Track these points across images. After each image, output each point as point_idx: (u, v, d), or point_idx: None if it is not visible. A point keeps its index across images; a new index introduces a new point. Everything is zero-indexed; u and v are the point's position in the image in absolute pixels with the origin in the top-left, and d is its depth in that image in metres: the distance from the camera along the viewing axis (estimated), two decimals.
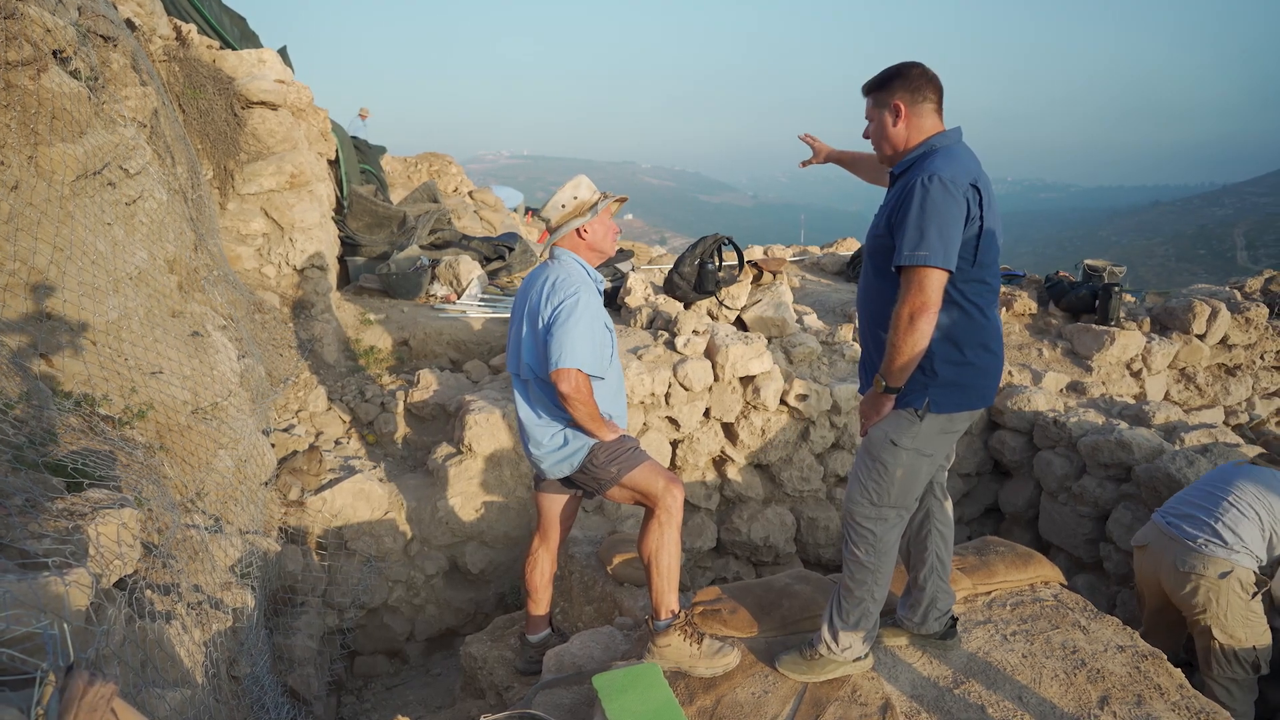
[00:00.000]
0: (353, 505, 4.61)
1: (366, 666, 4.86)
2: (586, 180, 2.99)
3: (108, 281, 3.33)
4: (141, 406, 3.23)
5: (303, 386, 5.31)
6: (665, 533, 2.92)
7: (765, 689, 2.79)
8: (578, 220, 2.93)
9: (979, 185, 2.31)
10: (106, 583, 1.90)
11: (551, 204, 2.97)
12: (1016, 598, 3.39)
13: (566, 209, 2.95)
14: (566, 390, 2.72)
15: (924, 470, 2.58)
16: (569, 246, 2.95)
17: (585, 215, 2.94)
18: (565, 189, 2.97)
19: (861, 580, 2.67)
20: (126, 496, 2.18)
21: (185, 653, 2.26)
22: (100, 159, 3.39)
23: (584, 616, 3.87)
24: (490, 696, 3.52)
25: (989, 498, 6.33)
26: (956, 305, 2.39)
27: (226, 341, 4.04)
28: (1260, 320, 7.09)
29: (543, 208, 3.02)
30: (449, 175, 12.64)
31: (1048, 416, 5.74)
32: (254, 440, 3.98)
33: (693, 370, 5.32)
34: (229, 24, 7.29)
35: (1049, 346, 6.99)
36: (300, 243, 5.88)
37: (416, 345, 6.26)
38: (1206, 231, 79.30)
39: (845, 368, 5.98)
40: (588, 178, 3.00)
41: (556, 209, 2.96)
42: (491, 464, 4.95)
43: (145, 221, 3.70)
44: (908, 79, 2.41)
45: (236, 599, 3.00)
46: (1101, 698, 2.77)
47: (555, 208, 2.96)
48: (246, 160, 5.70)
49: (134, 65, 4.07)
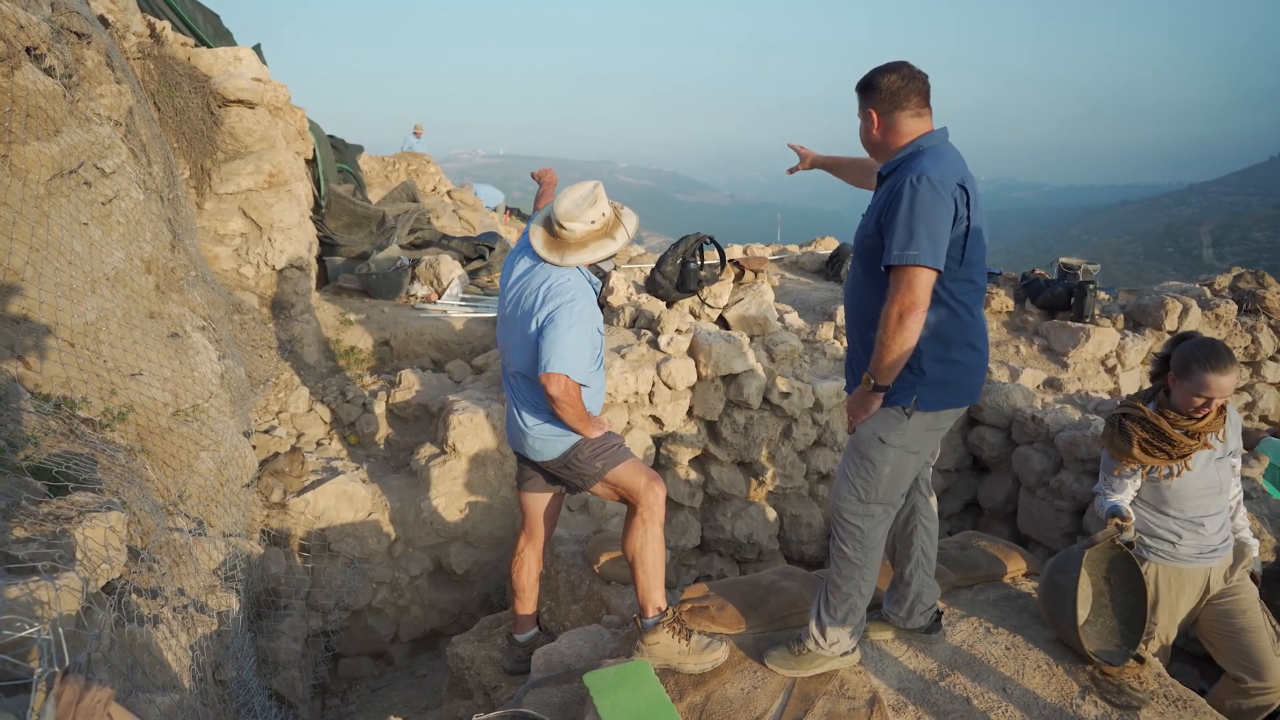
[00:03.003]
0: (336, 507, 4.57)
1: (351, 669, 4.83)
2: (603, 191, 2.80)
3: (85, 282, 3.28)
4: (122, 409, 3.19)
5: (283, 388, 5.26)
6: (649, 530, 2.93)
7: (754, 684, 2.81)
8: (608, 244, 2.78)
9: (966, 185, 2.34)
10: (95, 587, 1.87)
11: (574, 216, 2.74)
12: (999, 591, 3.44)
13: (595, 225, 2.79)
14: (555, 394, 2.70)
15: (911, 467, 2.61)
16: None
17: (615, 238, 2.80)
18: (588, 208, 2.75)
19: (849, 576, 2.70)
20: (112, 499, 2.15)
21: (172, 657, 2.24)
22: (76, 158, 3.34)
23: (571, 615, 3.88)
24: (478, 697, 3.52)
25: (968, 493, 6.41)
26: (944, 304, 2.42)
27: (206, 342, 4.00)
28: (1229, 316, 7.24)
29: (560, 217, 2.74)
30: (427, 174, 12.56)
31: (1026, 412, 5.83)
32: (235, 442, 3.93)
33: (676, 369, 5.33)
34: (203, 21, 7.18)
35: (1026, 343, 7.09)
36: (279, 242, 5.82)
37: (398, 345, 6.23)
38: (1174, 230, 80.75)
39: (827, 365, 6.02)
40: (602, 186, 2.81)
41: (584, 223, 2.75)
42: (475, 464, 4.94)
43: (122, 221, 3.64)
44: (883, 88, 2.42)
45: (221, 602, 2.97)
46: (1083, 688, 2.82)
47: (581, 223, 2.75)
48: (224, 159, 5.63)
49: (108, 62, 4.01)
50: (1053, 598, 2.98)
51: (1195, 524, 2.97)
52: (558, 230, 2.78)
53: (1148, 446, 2.88)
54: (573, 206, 2.76)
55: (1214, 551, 3.01)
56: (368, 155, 11.86)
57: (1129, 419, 2.92)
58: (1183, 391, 2.82)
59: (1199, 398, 2.78)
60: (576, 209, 2.76)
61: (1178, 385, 2.84)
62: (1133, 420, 2.91)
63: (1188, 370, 2.78)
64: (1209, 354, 2.76)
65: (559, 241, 2.80)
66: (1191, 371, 2.77)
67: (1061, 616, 2.94)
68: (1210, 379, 2.73)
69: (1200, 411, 2.81)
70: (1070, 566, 2.92)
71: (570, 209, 2.76)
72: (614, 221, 2.85)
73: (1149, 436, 2.87)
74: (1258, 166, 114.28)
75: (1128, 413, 2.94)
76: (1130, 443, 2.89)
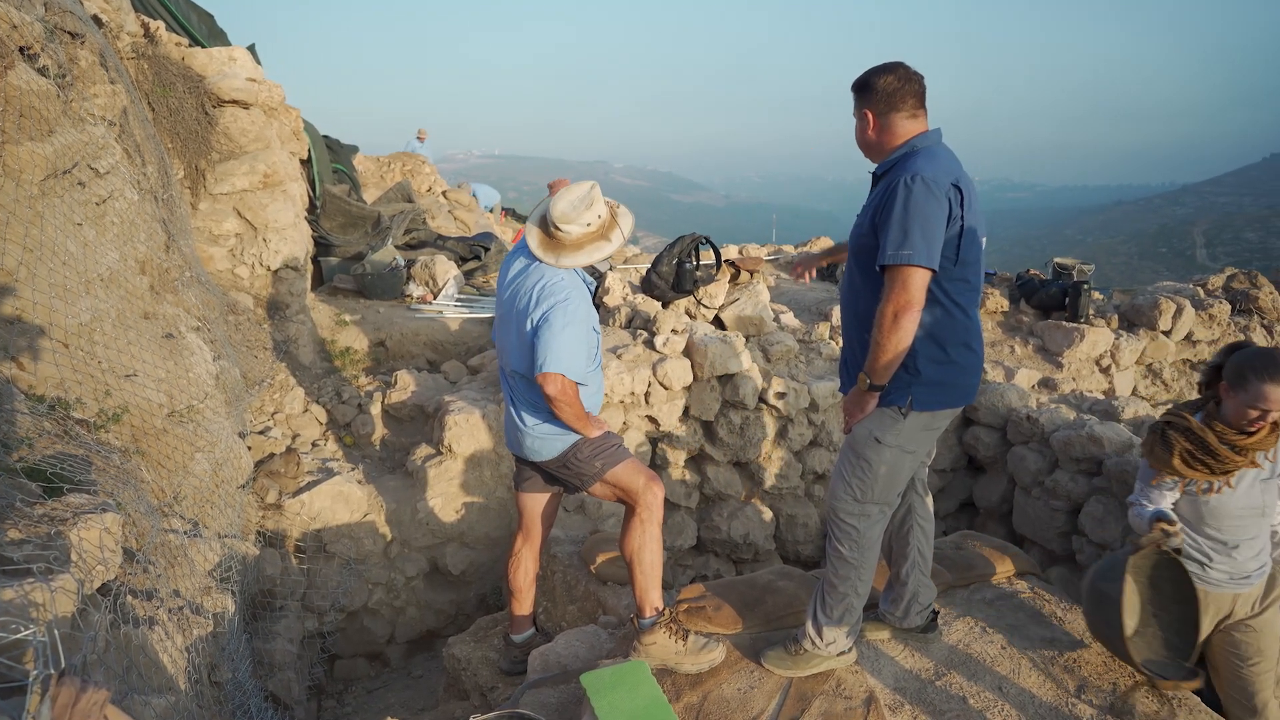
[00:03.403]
0: (331, 508, 4.56)
1: (347, 670, 4.82)
2: (600, 192, 2.80)
3: (79, 283, 3.27)
4: (116, 410, 3.17)
5: (278, 388, 5.25)
6: (647, 530, 2.93)
7: (751, 684, 2.81)
8: (604, 245, 2.77)
9: (960, 185, 2.35)
10: (90, 588, 1.86)
11: (570, 218, 2.72)
12: (994, 591, 3.45)
13: (591, 228, 2.77)
14: (553, 393, 2.69)
15: (907, 467, 2.62)
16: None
17: (610, 239, 2.80)
18: (584, 210, 2.74)
19: (845, 576, 2.70)
20: (108, 501, 2.14)
21: (168, 659, 2.23)
22: (70, 158, 3.33)
23: (567, 616, 3.87)
24: (474, 697, 3.51)
25: (964, 493, 6.42)
26: (939, 304, 2.43)
27: (201, 343, 3.98)
28: (1223, 317, 7.27)
29: (557, 219, 2.73)
30: (422, 175, 12.54)
31: (1021, 412, 5.84)
32: (230, 443, 3.92)
33: (672, 369, 5.33)
34: (197, 21, 7.16)
35: (1020, 343, 7.11)
36: (274, 243, 5.81)
37: (393, 346, 6.21)
38: (1167, 230, 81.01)
39: (823, 365, 6.03)
40: (599, 187, 2.81)
41: (580, 226, 2.74)
42: (471, 464, 4.93)
43: (116, 222, 3.63)
44: (879, 88, 2.43)
45: (216, 604, 2.96)
46: (1079, 686, 2.83)
47: (578, 225, 2.73)
48: (218, 160, 5.62)
49: (102, 62, 3.99)
50: (1098, 606, 2.83)
51: (1230, 546, 2.78)
52: (553, 232, 2.77)
53: (1189, 459, 2.71)
54: (569, 209, 2.75)
55: (1246, 578, 2.81)
56: (363, 155, 11.84)
57: (1173, 428, 2.76)
58: (1236, 403, 2.63)
59: (1254, 410, 2.59)
60: (573, 211, 2.75)
61: (1231, 396, 2.65)
62: (1176, 430, 2.74)
63: (1243, 380, 2.60)
64: (1268, 363, 2.57)
65: (555, 243, 2.79)
66: (1247, 382, 2.58)
67: (1107, 626, 2.79)
68: (1269, 390, 2.54)
69: (1254, 425, 2.63)
70: (1115, 574, 2.76)
71: (567, 211, 2.75)
72: (610, 223, 2.84)
73: (1192, 448, 2.70)
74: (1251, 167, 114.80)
75: (1172, 422, 2.78)
76: (1171, 453, 2.73)
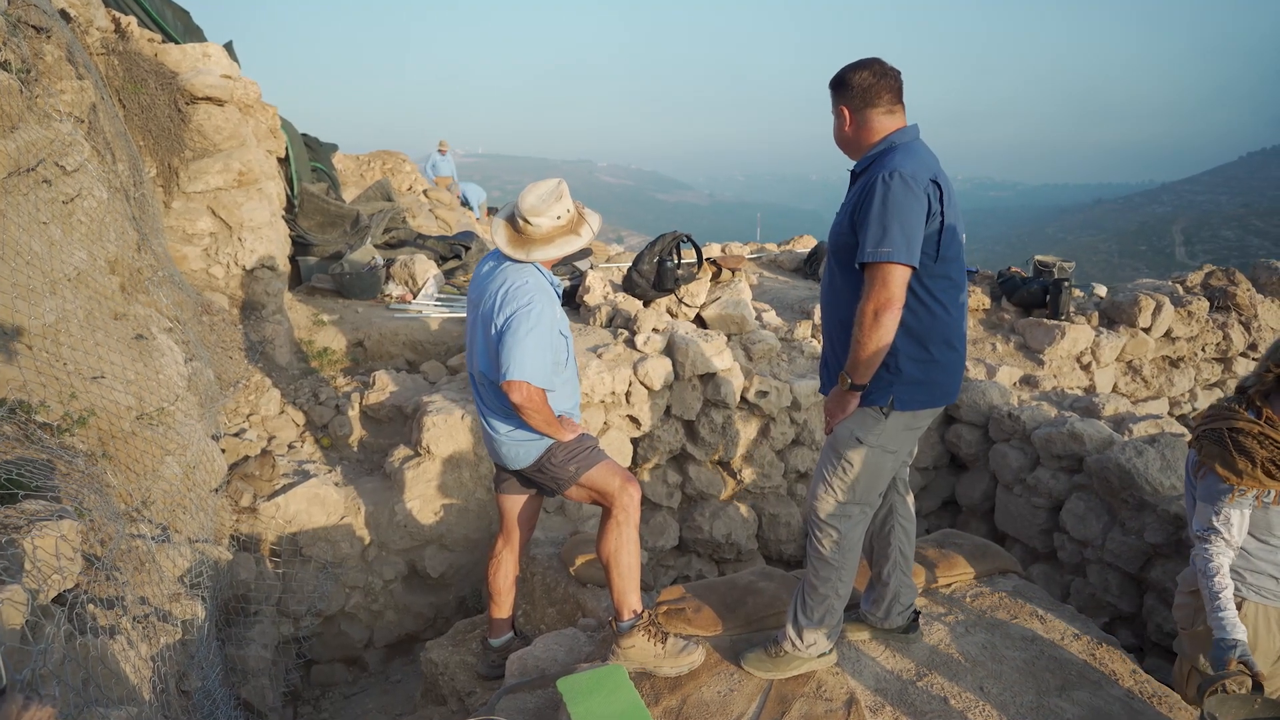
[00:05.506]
0: (307, 510, 4.49)
1: (324, 675, 4.75)
2: (567, 188, 2.80)
3: (44, 283, 3.19)
4: (82, 413, 3.10)
5: (254, 390, 5.17)
6: (623, 532, 2.89)
7: (731, 687, 2.78)
8: (574, 239, 2.76)
9: (939, 181, 2.33)
10: (45, 599, 1.80)
11: (540, 211, 2.71)
12: (976, 589, 3.44)
13: (561, 221, 2.76)
14: (518, 401, 2.66)
15: (888, 467, 2.59)
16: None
17: (580, 234, 2.79)
18: (554, 202, 2.73)
19: (826, 577, 2.67)
20: (66, 508, 2.08)
21: (131, 669, 2.17)
22: (34, 155, 3.25)
23: (547, 619, 3.83)
24: (452, 703, 3.46)
25: (946, 491, 6.43)
26: (920, 302, 2.40)
27: (173, 344, 3.91)
28: (1201, 314, 7.31)
29: (526, 212, 2.72)
30: (403, 173, 12.42)
31: (1002, 410, 5.85)
32: (203, 446, 3.85)
33: (653, 368, 5.30)
34: (171, 17, 7.04)
35: (1002, 341, 7.13)
36: (249, 242, 5.72)
37: (372, 346, 6.14)
38: (1147, 228, 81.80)
39: (804, 364, 6.01)
40: (566, 184, 2.81)
41: (549, 219, 2.73)
42: (450, 466, 4.87)
43: (84, 220, 3.55)
44: (854, 85, 2.40)
45: (185, 610, 2.89)
46: (1060, 685, 2.82)
47: (548, 218, 2.72)
48: (192, 157, 5.52)
49: (69, 58, 3.91)
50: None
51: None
52: (522, 226, 2.76)
53: (1271, 467, 2.42)
54: (538, 201, 2.74)
55: None
56: (342, 154, 11.70)
57: (1243, 434, 2.47)
58: None
59: None
60: (542, 204, 2.74)
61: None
62: (1246, 435, 2.46)
63: None
64: None
65: (524, 238, 2.77)
66: None
67: None
68: None
69: None
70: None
71: (535, 204, 2.73)
72: (578, 219, 2.83)
73: (1271, 455, 2.41)
74: (1228, 165, 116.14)
75: (1238, 427, 2.49)
76: (1254, 463, 2.43)
